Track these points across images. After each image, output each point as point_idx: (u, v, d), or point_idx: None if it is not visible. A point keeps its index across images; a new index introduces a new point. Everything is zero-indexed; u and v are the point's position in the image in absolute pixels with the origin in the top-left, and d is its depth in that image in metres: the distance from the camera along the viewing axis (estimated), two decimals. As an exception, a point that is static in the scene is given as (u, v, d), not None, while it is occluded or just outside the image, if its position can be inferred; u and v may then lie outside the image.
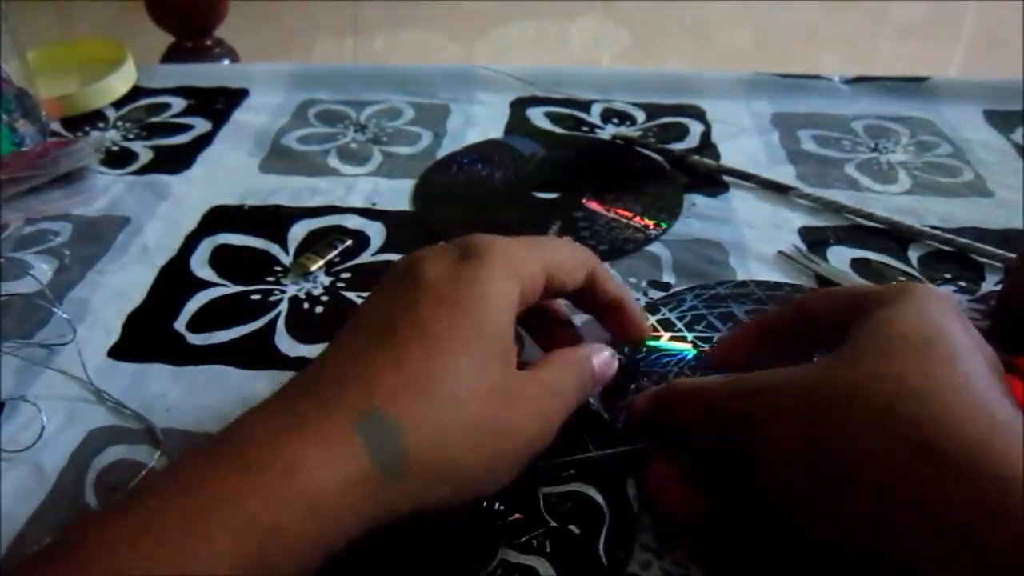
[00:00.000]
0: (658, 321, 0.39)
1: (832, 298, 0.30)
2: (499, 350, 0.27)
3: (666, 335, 0.38)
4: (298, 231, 0.47)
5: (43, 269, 0.44)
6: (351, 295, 0.42)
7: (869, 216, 0.47)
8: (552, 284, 0.31)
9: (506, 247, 0.29)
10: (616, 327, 0.35)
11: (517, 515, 0.30)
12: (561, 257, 0.31)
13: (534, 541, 0.29)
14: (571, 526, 0.30)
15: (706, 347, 0.37)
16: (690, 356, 0.37)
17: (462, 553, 0.29)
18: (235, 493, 0.21)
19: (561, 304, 0.35)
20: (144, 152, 0.56)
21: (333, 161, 0.54)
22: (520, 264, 0.29)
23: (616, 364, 0.33)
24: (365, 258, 0.45)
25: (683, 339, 0.38)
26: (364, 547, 0.24)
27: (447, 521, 0.29)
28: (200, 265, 0.45)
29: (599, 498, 0.31)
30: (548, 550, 0.29)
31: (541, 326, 0.35)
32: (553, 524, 0.30)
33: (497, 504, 0.30)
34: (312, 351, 0.39)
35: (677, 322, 0.39)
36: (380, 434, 0.23)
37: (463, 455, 0.25)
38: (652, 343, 0.37)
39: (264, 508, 0.21)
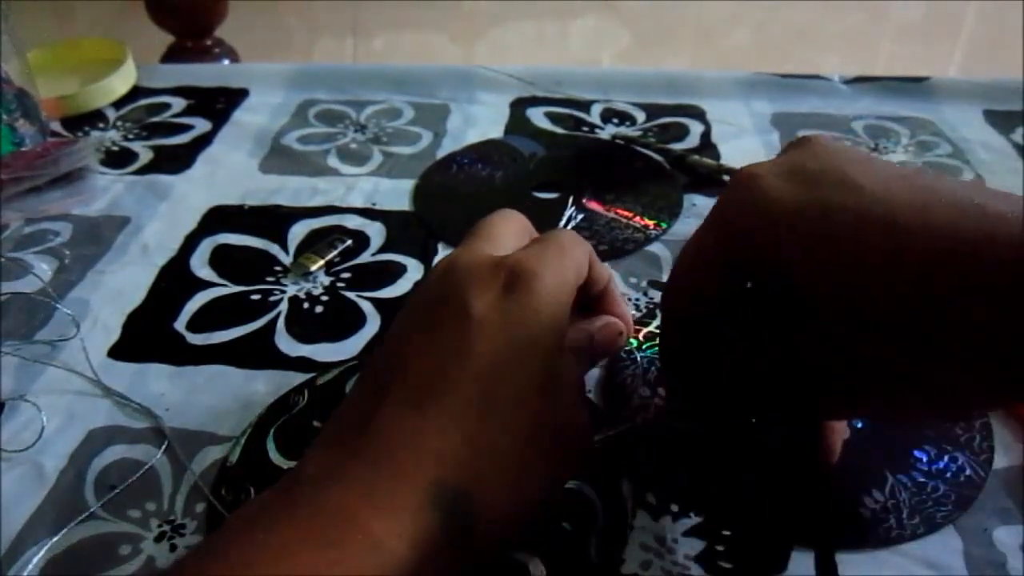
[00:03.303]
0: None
1: (699, 250, 0.29)
2: (554, 386, 0.26)
3: None
4: (298, 231, 0.47)
5: (43, 269, 0.44)
6: (351, 295, 0.42)
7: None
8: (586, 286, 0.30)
9: (552, 266, 0.28)
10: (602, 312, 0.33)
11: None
12: (581, 254, 0.30)
13: (525, 537, 0.29)
14: (564, 523, 0.30)
15: None
16: None
17: None
18: (319, 569, 0.21)
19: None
20: (144, 152, 0.56)
21: (333, 161, 0.54)
22: (568, 275, 0.28)
23: (621, 327, 0.32)
24: (365, 258, 0.45)
25: None
26: None
27: None
28: (200, 265, 0.45)
29: (593, 496, 0.31)
30: (539, 547, 0.29)
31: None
32: (545, 520, 0.30)
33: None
34: (312, 351, 0.39)
35: None
36: (451, 506, 0.23)
37: (522, 499, 0.25)
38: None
39: None
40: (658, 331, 0.38)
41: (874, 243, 0.23)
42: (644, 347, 0.37)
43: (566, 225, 0.47)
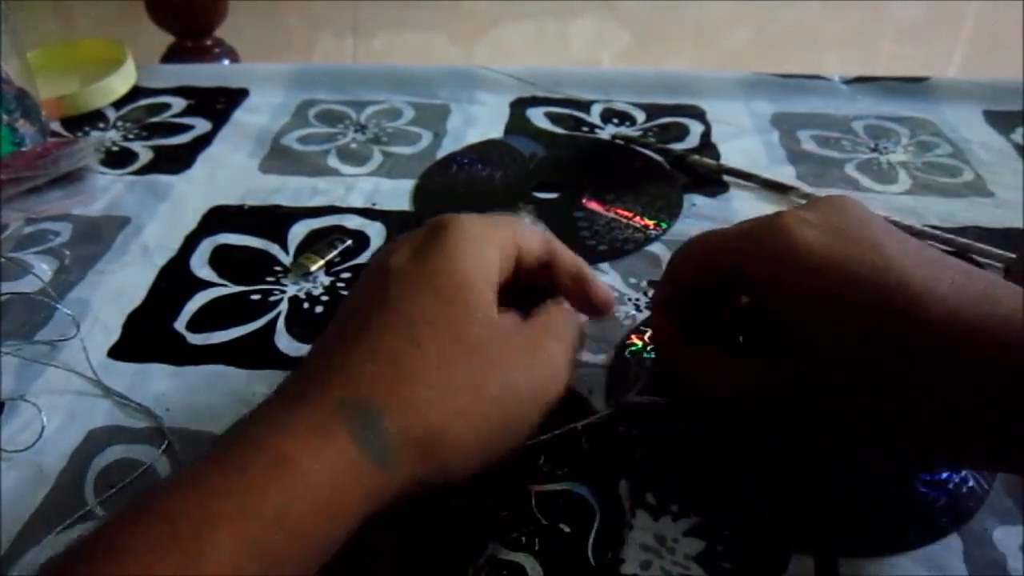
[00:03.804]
0: None
1: (697, 261, 0.32)
2: (478, 316, 0.27)
3: None
4: (298, 231, 0.47)
5: (43, 269, 0.44)
6: (351, 295, 0.42)
7: (869, 216, 0.47)
8: (521, 256, 0.31)
9: (470, 219, 0.30)
10: (580, 302, 0.33)
11: (506, 512, 0.30)
12: (523, 228, 0.32)
13: (523, 538, 0.29)
14: (561, 524, 0.30)
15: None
16: None
17: (451, 548, 0.29)
18: (232, 491, 0.22)
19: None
20: (144, 152, 0.56)
21: (333, 161, 0.54)
22: (488, 232, 0.30)
23: (613, 297, 0.34)
24: (365, 258, 0.45)
25: None
26: (357, 541, 0.24)
27: (438, 515, 0.29)
28: (200, 265, 0.45)
29: (590, 498, 0.31)
30: (537, 548, 0.29)
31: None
32: (543, 522, 0.30)
33: (489, 500, 0.30)
34: (312, 351, 0.39)
35: None
36: (362, 421, 0.24)
37: (453, 429, 0.26)
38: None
39: (260, 501, 0.22)
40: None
41: (886, 296, 0.26)
42: (649, 350, 0.37)
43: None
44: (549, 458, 0.32)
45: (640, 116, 0.59)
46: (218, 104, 0.61)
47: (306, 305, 0.42)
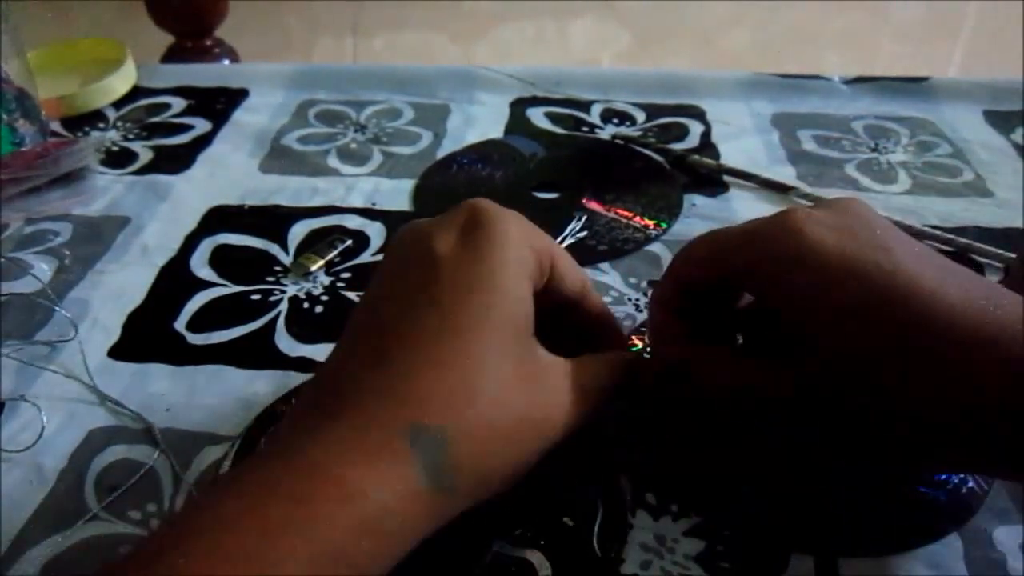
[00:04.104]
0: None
1: (700, 262, 0.31)
2: (522, 328, 0.26)
3: None
4: (298, 231, 0.47)
5: (43, 269, 0.44)
6: (351, 295, 0.42)
7: (869, 216, 0.47)
8: (554, 279, 0.29)
9: (514, 215, 0.28)
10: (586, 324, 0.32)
11: (510, 509, 0.30)
12: (562, 250, 0.30)
13: (528, 534, 0.29)
14: (565, 519, 0.30)
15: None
16: None
17: (458, 545, 0.29)
18: (296, 523, 0.21)
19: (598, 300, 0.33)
20: (144, 152, 0.56)
21: (333, 161, 0.54)
22: (531, 233, 0.28)
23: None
24: (365, 258, 0.45)
25: None
26: None
27: None
28: (200, 265, 0.45)
29: (592, 491, 0.31)
30: (542, 543, 0.29)
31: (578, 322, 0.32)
32: (547, 517, 0.30)
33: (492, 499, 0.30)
34: (312, 351, 0.39)
35: None
36: (431, 450, 0.23)
37: (504, 452, 0.25)
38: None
39: (326, 537, 0.21)
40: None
41: (894, 298, 0.26)
42: (648, 350, 0.37)
43: (566, 235, 0.47)
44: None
45: (640, 116, 0.59)
46: (218, 104, 0.61)
47: (306, 305, 0.42)
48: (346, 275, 0.44)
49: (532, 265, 0.28)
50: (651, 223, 0.47)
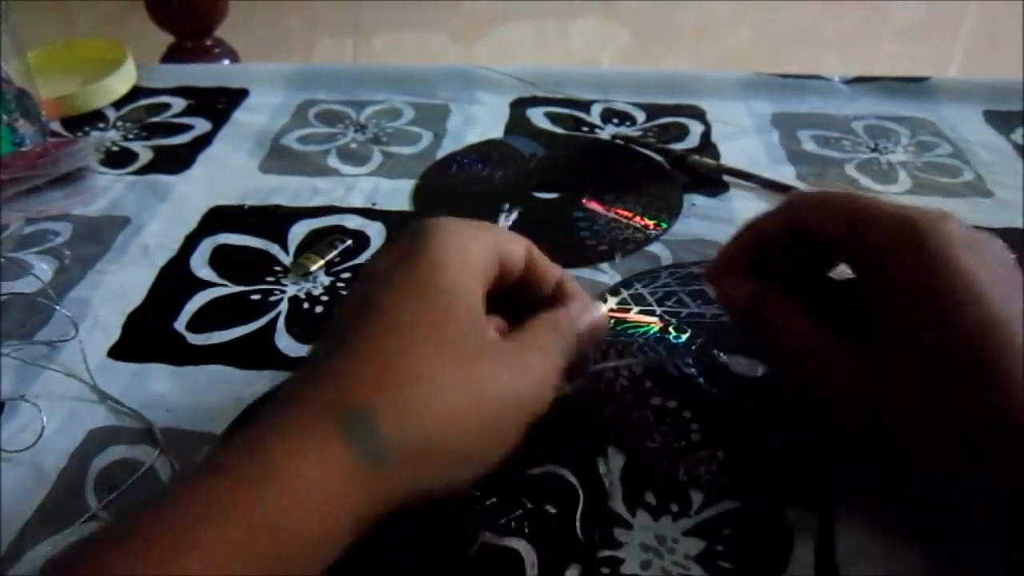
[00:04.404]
0: (630, 295, 0.40)
1: (832, 213, 0.31)
2: (466, 319, 0.28)
3: (635, 308, 0.39)
4: (298, 231, 0.47)
5: (43, 269, 0.44)
6: (351, 295, 0.42)
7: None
8: (504, 263, 0.30)
9: (455, 222, 0.30)
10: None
11: (493, 499, 0.30)
12: (505, 234, 0.31)
13: (512, 523, 0.30)
14: (547, 506, 0.30)
15: (673, 321, 0.38)
16: (653, 332, 0.38)
17: (444, 539, 0.29)
18: (223, 494, 0.22)
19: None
20: (144, 152, 0.56)
21: (333, 161, 0.54)
22: (472, 235, 0.30)
23: (606, 319, 0.33)
24: (365, 258, 0.45)
25: (651, 313, 0.39)
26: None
27: (428, 508, 0.29)
28: (200, 265, 0.45)
29: (572, 478, 0.31)
30: (527, 531, 0.29)
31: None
32: (530, 505, 0.30)
33: (476, 491, 0.31)
34: (312, 351, 0.39)
35: (648, 296, 0.40)
36: (355, 424, 0.24)
37: (446, 434, 0.26)
38: (619, 316, 0.38)
39: (249, 506, 0.22)
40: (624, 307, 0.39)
41: (1008, 349, 0.26)
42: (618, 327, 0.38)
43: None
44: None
45: (640, 116, 0.59)
46: (218, 104, 0.61)
47: (306, 305, 0.42)
48: (346, 275, 0.44)
49: (480, 263, 0.29)
50: (651, 223, 0.47)
